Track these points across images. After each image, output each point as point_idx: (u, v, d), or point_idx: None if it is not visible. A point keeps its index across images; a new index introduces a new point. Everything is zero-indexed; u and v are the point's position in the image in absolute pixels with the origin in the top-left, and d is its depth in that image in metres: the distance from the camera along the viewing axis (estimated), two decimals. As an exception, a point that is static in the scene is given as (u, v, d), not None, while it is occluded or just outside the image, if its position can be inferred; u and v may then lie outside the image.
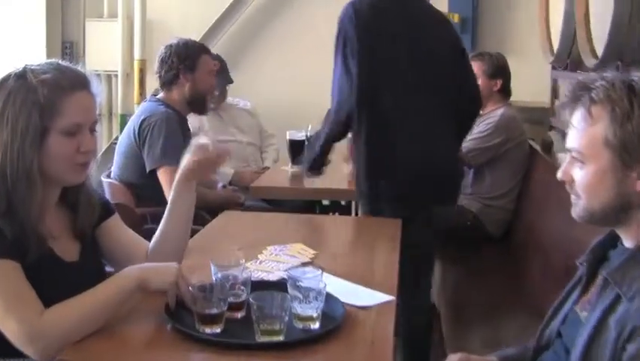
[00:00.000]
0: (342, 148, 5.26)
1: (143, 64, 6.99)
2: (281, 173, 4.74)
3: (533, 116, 6.04)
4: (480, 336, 3.71)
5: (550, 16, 5.91)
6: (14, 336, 2.06)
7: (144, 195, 4.23)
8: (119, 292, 2.20)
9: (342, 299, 2.38)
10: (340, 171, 4.88)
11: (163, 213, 4.11)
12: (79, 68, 2.30)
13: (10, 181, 2.13)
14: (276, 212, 4.40)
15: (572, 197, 2.03)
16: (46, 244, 2.23)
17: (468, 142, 5.07)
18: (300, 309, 2.19)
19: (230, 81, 5.83)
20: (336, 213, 4.94)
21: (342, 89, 3.67)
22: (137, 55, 7.05)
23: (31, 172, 2.14)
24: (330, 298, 2.29)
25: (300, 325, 2.20)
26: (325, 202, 5.03)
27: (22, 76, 2.19)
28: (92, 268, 2.41)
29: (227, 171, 5.20)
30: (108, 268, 2.55)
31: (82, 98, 2.22)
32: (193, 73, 4.39)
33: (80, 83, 2.23)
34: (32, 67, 2.21)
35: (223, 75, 5.72)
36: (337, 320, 2.24)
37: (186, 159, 2.52)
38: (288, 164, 4.82)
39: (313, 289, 2.22)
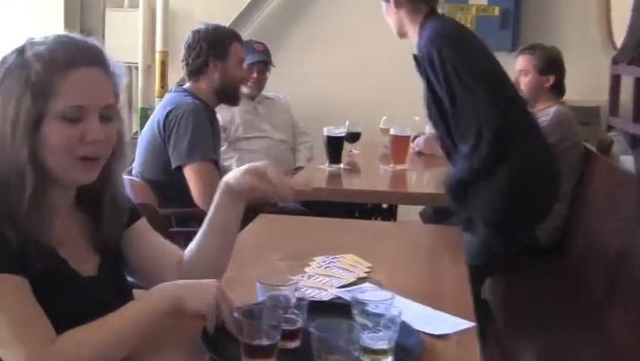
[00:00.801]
0: (375, 147, 4.93)
1: (165, 55, 6.63)
2: (318, 172, 4.33)
3: (585, 115, 5.62)
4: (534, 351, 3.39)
5: (612, 5, 5.49)
6: None
7: (169, 194, 3.85)
8: (148, 314, 1.79)
9: (414, 325, 1.97)
10: (378, 172, 4.53)
11: (189, 214, 3.84)
12: (92, 41, 1.87)
13: (6, 180, 1.73)
14: (314, 215, 3.99)
15: None
16: (56, 255, 1.82)
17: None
18: (369, 340, 1.78)
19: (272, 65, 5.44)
20: (379, 218, 4.54)
21: (484, 112, 3.33)
22: (158, 46, 6.69)
23: (21, 167, 1.73)
24: (401, 325, 1.86)
25: (368, 359, 1.79)
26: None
27: (21, 51, 1.79)
28: (113, 283, 1.99)
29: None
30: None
31: (86, 76, 1.78)
32: (224, 61, 4.02)
33: (86, 57, 1.80)
34: (34, 39, 1.80)
35: (266, 58, 5.37)
36: (414, 354, 1.83)
37: (241, 177, 2.08)
38: (325, 162, 4.38)
39: (384, 315, 1.82)
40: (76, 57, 1.78)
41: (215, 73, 4.02)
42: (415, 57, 3.61)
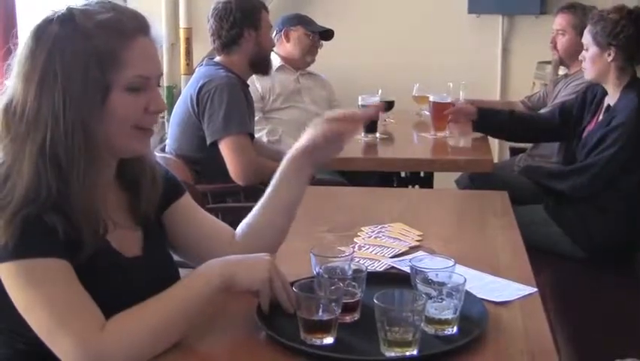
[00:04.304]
0: (408, 115, 4.83)
1: (189, 32, 6.52)
2: (353, 142, 4.22)
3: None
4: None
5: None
6: (67, 357, 1.58)
7: (204, 170, 3.78)
8: (199, 294, 1.71)
9: (474, 293, 1.89)
10: (414, 140, 4.44)
11: (226, 190, 3.77)
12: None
13: (65, 159, 1.64)
14: (352, 186, 3.92)
15: None
16: (104, 237, 1.75)
17: (553, 106, 4.57)
18: (434, 310, 1.71)
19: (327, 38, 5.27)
20: (416, 186, 4.44)
21: None
22: (182, 23, 6.57)
23: (94, 144, 1.66)
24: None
25: (432, 330, 1.72)
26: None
27: (69, 19, 1.68)
28: (159, 263, 1.91)
29: (290, 142, 4.70)
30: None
31: (146, 45, 1.74)
32: (257, 30, 3.93)
33: (143, 26, 1.75)
34: (81, 7, 1.71)
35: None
36: (479, 323, 1.76)
37: (308, 136, 2.01)
38: (360, 132, 4.27)
39: (447, 283, 1.75)
40: (136, 26, 1.72)
41: (250, 43, 3.93)
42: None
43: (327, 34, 5.18)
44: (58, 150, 1.63)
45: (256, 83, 4.45)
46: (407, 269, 1.94)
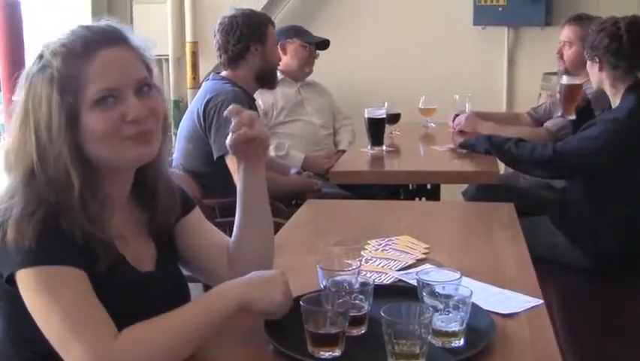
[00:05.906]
0: (415, 128, 4.84)
1: (195, 46, 6.56)
2: (360, 155, 4.25)
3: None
4: None
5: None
6: None
7: (211, 184, 3.78)
8: (216, 315, 1.73)
9: (481, 305, 1.90)
10: (420, 153, 4.46)
11: (234, 205, 3.76)
12: (107, 22, 1.78)
13: (53, 181, 1.68)
14: (357, 199, 3.93)
15: None
16: (117, 251, 1.77)
17: (558, 118, 4.58)
18: (440, 323, 1.72)
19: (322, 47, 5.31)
20: (423, 199, 4.45)
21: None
22: (188, 37, 6.61)
23: (64, 166, 1.68)
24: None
25: (439, 342, 1.73)
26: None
27: (40, 56, 1.73)
28: (171, 278, 1.94)
29: (297, 155, 4.73)
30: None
31: (108, 57, 1.71)
32: (264, 45, 3.95)
33: (103, 39, 1.73)
34: (50, 40, 1.74)
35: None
36: (486, 335, 1.76)
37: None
38: (366, 145, 4.30)
39: (453, 296, 1.76)
40: (92, 41, 1.71)
41: (256, 57, 3.95)
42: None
43: (324, 44, 5.20)
44: (51, 175, 1.67)
45: (258, 100, 4.46)
46: (414, 282, 1.94)
